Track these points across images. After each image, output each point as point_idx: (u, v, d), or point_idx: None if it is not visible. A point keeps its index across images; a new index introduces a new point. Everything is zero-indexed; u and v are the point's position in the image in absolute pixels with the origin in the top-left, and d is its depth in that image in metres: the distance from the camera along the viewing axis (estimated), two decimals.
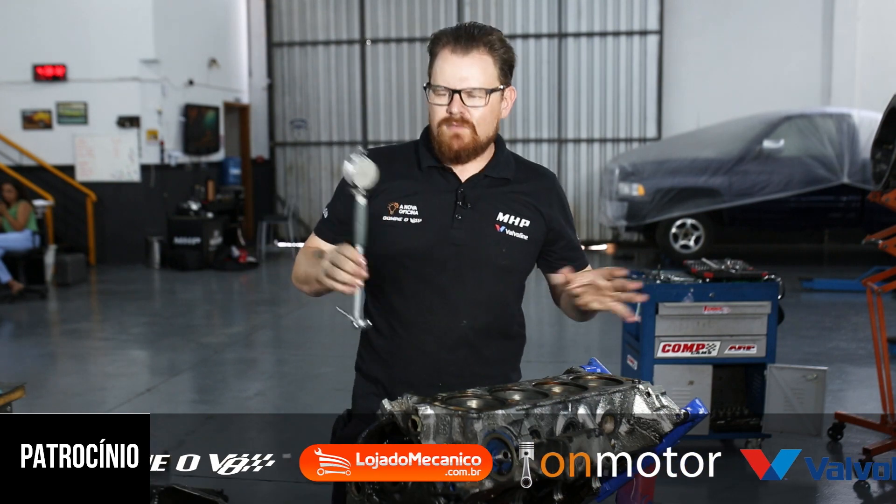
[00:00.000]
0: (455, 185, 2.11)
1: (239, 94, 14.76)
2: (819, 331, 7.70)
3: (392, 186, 2.10)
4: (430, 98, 2.05)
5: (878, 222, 7.22)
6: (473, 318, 2.10)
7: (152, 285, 11.08)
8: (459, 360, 2.11)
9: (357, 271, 1.86)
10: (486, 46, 2.03)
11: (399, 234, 2.08)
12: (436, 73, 2.04)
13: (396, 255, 2.08)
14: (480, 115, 2.04)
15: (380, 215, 2.08)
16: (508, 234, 2.10)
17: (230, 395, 6.09)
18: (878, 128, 4.54)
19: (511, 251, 2.10)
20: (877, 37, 13.25)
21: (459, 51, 2.02)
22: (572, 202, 14.14)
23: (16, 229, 10.07)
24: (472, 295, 2.09)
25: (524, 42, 14.10)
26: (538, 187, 2.18)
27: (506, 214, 2.11)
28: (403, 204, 2.09)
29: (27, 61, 11.97)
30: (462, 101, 2.02)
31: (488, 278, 2.09)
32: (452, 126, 2.03)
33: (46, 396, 6.02)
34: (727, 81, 13.53)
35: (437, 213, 2.08)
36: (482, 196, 2.10)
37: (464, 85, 2.01)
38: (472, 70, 2.01)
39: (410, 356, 2.11)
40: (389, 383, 2.14)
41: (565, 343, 7.55)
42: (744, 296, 4.46)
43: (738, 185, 10.96)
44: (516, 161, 2.19)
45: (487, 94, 2.03)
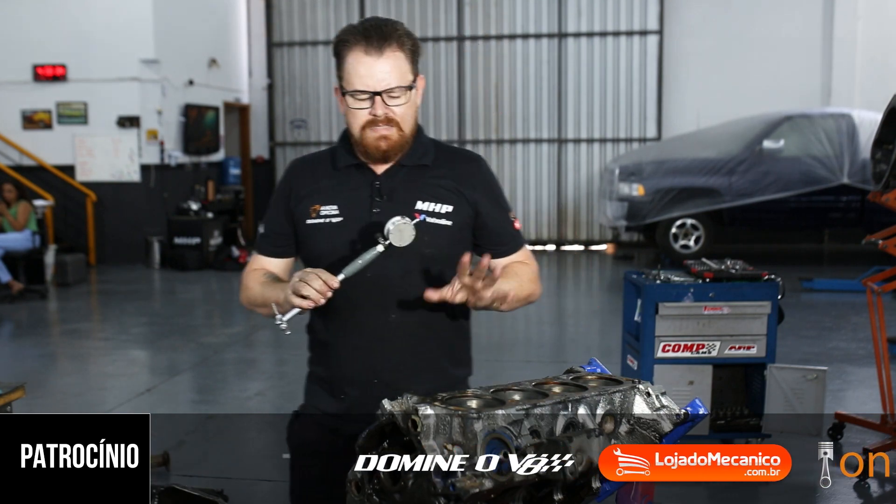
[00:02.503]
0: (371, 178, 2.10)
1: (239, 94, 14.76)
2: (819, 331, 7.70)
3: (314, 190, 2.12)
4: (348, 103, 2.02)
5: (878, 222, 7.21)
6: (403, 311, 2.08)
7: (152, 285, 11.08)
8: (396, 355, 2.09)
9: (324, 290, 1.89)
10: (398, 42, 2.01)
11: (323, 235, 2.09)
12: (351, 78, 2.01)
13: (323, 255, 2.08)
14: (403, 113, 2.03)
15: (304, 220, 2.11)
16: (430, 221, 2.06)
17: (230, 395, 6.09)
18: (878, 128, 4.54)
19: (435, 239, 2.06)
20: (877, 37, 13.25)
21: (373, 51, 1.99)
22: (572, 202, 14.14)
23: (16, 229, 10.07)
24: (399, 287, 2.06)
25: (524, 42, 14.10)
26: (461, 171, 2.14)
27: (425, 202, 2.08)
28: (324, 205, 2.10)
29: (27, 61, 11.97)
30: (384, 102, 2.00)
31: (414, 269, 2.06)
32: (378, 128, 2.02)
33: (46, 396, 6.01)
34: (727, 81, 13.53)
35: (356, 209, 2.08)
36: (398, 186, 2.09)
37: (384, 86, 1.99)
38: (390, 69, 1.99)
39: (346, 354, 2.12)
40: (332, 381, 2.15)
41: (565, 343, 7.55)
42: (744, 296, 4.46)
43: (738, 185, 10.96)
44: (437, 147, 2.16)
45: (406, 90, 2.02)
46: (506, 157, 14.28)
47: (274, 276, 2.18)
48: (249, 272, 2.22)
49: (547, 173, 14.22)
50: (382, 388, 2.05)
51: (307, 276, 1.92)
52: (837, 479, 4.45)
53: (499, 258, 2.18)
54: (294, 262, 2.24)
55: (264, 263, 2.22)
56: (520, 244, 2.23)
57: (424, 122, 14.43)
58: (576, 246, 14.20)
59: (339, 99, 2.09)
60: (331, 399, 2.15)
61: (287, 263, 2.23)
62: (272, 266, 2.21)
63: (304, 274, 1.93)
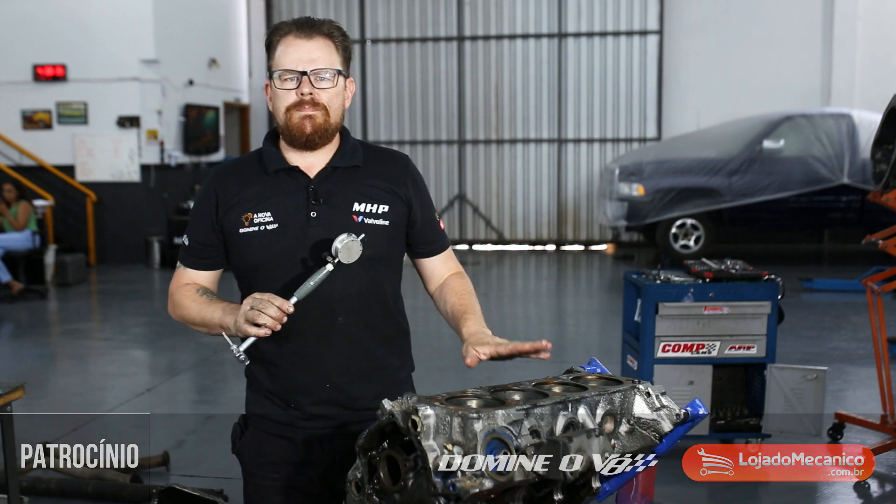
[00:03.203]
0: (304, 182, 2.06)
1: (239, 94, 14.76)
2: (819, 331, 7.70)
3: (243, 197, 2.06)
4: (276, 85, 2.01)
5: (878, 222, 7.22)
6: (349, 314, 2.05)
7: (152, 285, 11.08)
8: (344, 358, 2.06)
9: (279, 316, 1.85)
10: (328, 32, 2.03)
11: (259, 244, 2.03)
12: (280, 59, 2.01)
13: (260, 264, 2.04)
14: (330, 97, 2.02)
15: (236, 229, 2.05)
16: (368, 222, 2.05)
17: (230, 394, 6.08)
18: (878, 128, 4.54)
19: (374, 239, 2.03)
20: (877, 37, 13.25)
21: (303, 35, 2.01)
22: (572, 202, 14.15)
23: (16, 229, 10.07)
24: (342, 290, 2.03)
25: (524, 42, 14.10)
26: (391, 170, 2.13)
27: (362, 203, 2.06)
28: (257, 213, 2.04)
29: (27, 61, 11.98)
30: (311, 83, 1.99)
31: (356, 271, 2.01)
32: (304, 109, 2.00)
33: (46, 396, 6.02)
34: (727, 81, 13.53)
35: (292, 214, 2.03)
36: (333, 189, 2.06)
37: (312, 66, 1.99)
38: (319, 52, 2.00)
39: (294, 363, 2.07)
40: (277, 390, 2.10)
41: (565, 343, 7.55)
42: (744, 296, 4.46)
43: (738, 185, 10.96)
44: (364, 147, 2.15)
45: (335, 75, 2.02)
46: (506, 157, 14.28)
47: (206, 290, 2.12)
48: (178, 288, 2.15)
49: (547, 173, 14.22)
50: (334, 392, 2.06)
51: (259, 303, 1.86)
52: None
53: (428, 257, 2.21)
54: (222, 273, 2.19)
55: (193, 277, 2.16)
56: (446, 244, 2.25)
57: (424, 122, 14.47)
58: (576, 246, 14.20)
59: (269, 96, 2.06)
60: (279, 409, 2.11)
61: (216, 275, 2.18)
62: (201, 279, 2.15)
63: (255, 301, 1.87)
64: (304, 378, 2.07)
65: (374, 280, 2.08)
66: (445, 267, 2.23)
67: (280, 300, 1.85)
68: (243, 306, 1.89)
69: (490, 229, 14.37)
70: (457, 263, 2.26)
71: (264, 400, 2.13)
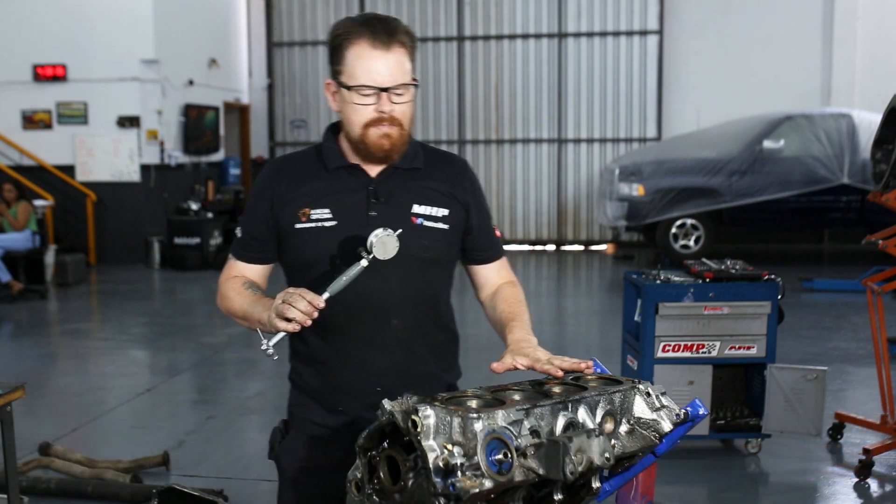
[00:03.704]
0: (365, 181, 2.01)
1: (239, 94, 14.76)
2: (819, 331, 7.70)
3: (301, 193, 2.02)
4: (351, 98, 1.92)
5: (878, 222, 7.21)
6: (403, 317, 2.01)
7: (152, 285, 11.08)
8: (396, 362, 2.02)
9: (309, 311, 1.77)
10: (402, 38, 1.94)
11: (315, 240, 1.99)
12: (355, 71, 1.91)
13: (315, 261, 1.99)
14: (404, 111, 1.96)
15: (292, 224, 2.01)
16: (427, 225, 2.00)
17: (230, 395, 6.08)
18: (878, 128, 4.54)
19: (432, 243, 2.00)
20: (876, 37, 13.26)
21: (380, 45, 1.90)
22: (572, 202, 14.15)
23: (16, 229, 10.07)
24: (398, 293, 1.99)
25: (524, 42, 14.11)
26: (451, 174, 2.09)
27: (422, 206, 2.01)
28: (315, 208, 1.99)
29: (27, 61, 11.99)
30: (390, 100, 1.92)
31: (413, 273, 1.99)
32: (382, 126, 1.93)
33: (46, 396, 6.02)
34: (727, 81, 13.54)
35: (351, 212, 1.98)
36: (395, 190, 2.01)
37: (391, 82, 1.91)
38: (396, 65, 1.92)
39: (344, 364, 2.02)
40: (325, 393, 2.05)
41: (565, 343, 7.54)
42: (744, 296, 4.46)
43: (738, 185, 10.96)
44: (424, 150, 2.10)
45: (410, 88, 1.95)
46: (506, 157, 14.28)
47: (254, 284, 2.07)
48: (227, 280, 2.11)
49: (547, 173, 14.22)
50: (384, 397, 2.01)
51: (290, 296, 1.79)
52: (837, 479, 4.45)
53: (482, 264, 2.17)
54: (273, 268, 2.15)
55: (242, 270, 2.11)
56: (501, 252, 2.21)
57: (424, 122, 14.47)
58: (576, 246, 14.21)
59: (332, 94, 1.99)
60: (325, 412, 2.06)
61: (266, 270, 2.14)
62: (250, 273, 2.11)
63: (286, 295, 1.80)
64: (354, 380, 2.02)
65: (430, 284, 2.05)
66: (498, 275, 2.19)
67: (311, 295, 1.78)
68: (276, 300, 1.82)
69: None
70: (510, 272, 2.22)
71: (310, 401, 2.08)
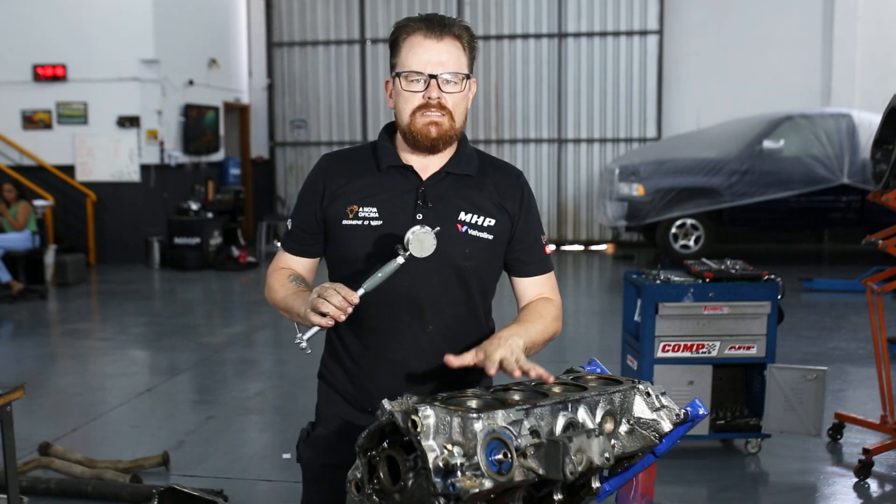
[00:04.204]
0: (416, 183, 2.01)
1: (239, 94, 14.76)
2: (819, 331, 7.70)
3: (350, 189, 2.02)
4: (402, 86, 1.95)
5: (878, 222, 7.22)
6: (440, 323, 2.00)
7: (152, 285, 11.08)
8: (429, 368, 2.00)
9: (343, 306, 1.77)
10: (457, 33, 1.96)
11: (359, 238, 1.98)
12: (407, 59, 1.94)
13: (358, 259, 1.99)
14: (456, 101, 1.96)
15: (339, 220, 2.01)
16: (471, 233, 2.00)
17: (230, 395, 6.08)
18: (878, 128, 4.54)
19: (475, 252, 2.00)
20: (876, 37, 13.26)
21: (433, 36, 1.93)
22: (572, 202, 14.15)
23: (16, 229, 10.07)
24: (437, 299, 1.99)
25: (524, 42, 14.11)
26: (503, 184, 2.09)
27: (468, 214, 2.01)
28: (363, 206, 1.99)
29: (27, 61, 11.98)
30: (439, 87, 1.93)
31: (452, 280, 1.99)
32: (429, 113, 1.94)
33: (46, 397, 6.01)
34: (727, 81, 13.54)
35: (398, 213, 1.98)
36: (444, 195, 2.01)
37: (441, 69, 1.93)
38: (448, 55, 1.94)
39: (377, 365, 2.02)
40: (356, 392, 2.06)
41: (565, 343, 7.54)
42: (744, 296, 4.46)
43: (738, 185, 10.96)
44: (479, 157, 2.10)
45: (463, 79, 1.96)
46: (506, 156, 14.27)
47: (298, 277, 2.09)
48: (274, 271, 2.13)
49: (547, 173, 14.23)
50: None
51: (325, 291, 1.80)
52: (837, 479, 4.45)
53: (523, 277, 2.13)
54: (320, 261, 2.17)
55: (290, 262, 2.13)
56: (546, 268, 2.16)
57: None
58: (576, 246, 14.21)
59: (389, 92, 2.02)
60: (354, 410, 2.06)
61: (313, 263, 2.16)
62: (297, 265, 2.13)
63: (322, 289, 1.81)
64: (386, 382, 2.00)
65: (469, 293, 2.03)
66: (537, 290, 2.13)
67: (346, 290, 1.78)
68: (311, 295, 1.83)
69: None
70: (553, 291, 2.15)
71: (339, 398, 2.09)
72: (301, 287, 2.03)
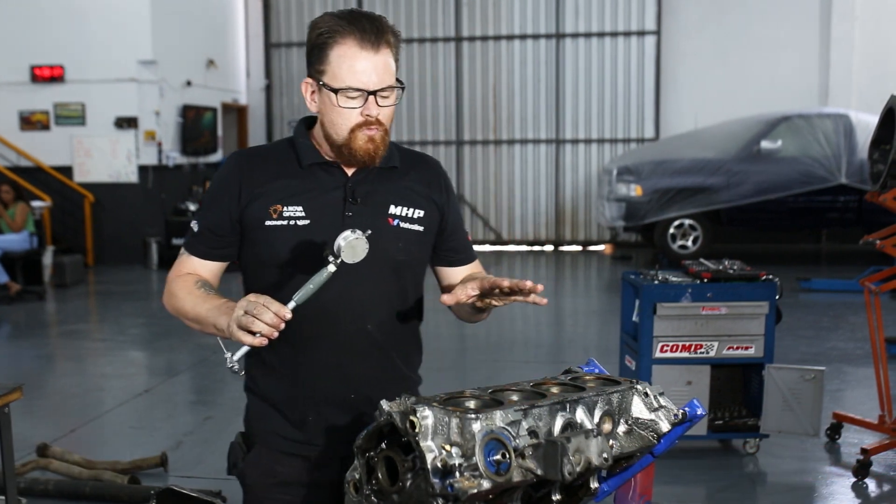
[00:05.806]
0: (342, 180, 1.94)
1: (237, 95, 14.76)
2: (817, 331, 7.70)
3: (272, 188, 1.92)
4: (337, 101, 1.85)
5: (876, 222, 7.22)
6: (378, 320, 1.95)
7: (150, 286, 11.07)
8: (371, 368, 1.95)
9: (276, 323, 1.65)
10: (389, 38, 1.87)
11: (286, 239, 1.89)
12: (342, 73, 1.84)
13: (286, 261, 1.90)
14: (389, 113, 1.90)
15: (261, 221, 1.91)
16: (403, 226, 1.95)
17: (228, 395, 6.08)
18: (876, 128, 4.55)
19: (408, 245, 1.96)
20: (874, 37, 13.27)
21: (369, 46, 1.83)
22: (570, 203, 14.16)
23: (13, 230, 10.06)
24: (373, 296, 1.93)
25: (522, 42, 14.11)
26: (426, 175, 2.04)
27: (398, 206, 1.96)
28: (287, 206, 1.90)
29: (25, 62, 11.97)
30: (377, 103, 1.86)
31: (387, 276, 1.94)
32: (369, 130, 1.87)
33: (44, 398, 6.01)
34: (725, 82, 13.54)
35: (326, 211, 1.91)
36: (372, 190, 1.95)
37: (380, 84, 1.85)
38: (384, 66, 1.86)
39: (315, 371, 1.94)
40: (292, 402, 1.96)
41: (563, 343, 7.55)
42: (741, 296, 4.47)
43: (735, 185, 10.97)
44: (398, 149, 2.03)
45: (396, 90, 1.90)
46: (504, 157, 14.29)
47: (206, 283, 1.96)
48: (178, 276, 1.99)
49: (545, 174, 14.23)
50: (359, 403, 1.93)
51: (255, 307, 1.66)
52: (835, 479, 4.45)
53: (454, 267, 2.12)
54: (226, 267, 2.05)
55: (196, 266, 2.00)
56: (474, 256, 2.16)
57: (422, 122, 14.48)
58: (574, 246, 14.21)
59: (311, 95, 1.93)
60: (291, 426, 1.97)
61: (220, 268, 2.03)
62: (204, 270, 2.00)
63: (249, 305, 1.67)
64: (328, 389, 1.94)
65: (403, 287, 2.00)
66: None
67: (277, 305, 1.66)
68: (237, 310, 1.69)
69: (488, 230, 14.38)
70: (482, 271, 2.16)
71: (274, 413, 1.98)
72: (211, 294, 1.91)
